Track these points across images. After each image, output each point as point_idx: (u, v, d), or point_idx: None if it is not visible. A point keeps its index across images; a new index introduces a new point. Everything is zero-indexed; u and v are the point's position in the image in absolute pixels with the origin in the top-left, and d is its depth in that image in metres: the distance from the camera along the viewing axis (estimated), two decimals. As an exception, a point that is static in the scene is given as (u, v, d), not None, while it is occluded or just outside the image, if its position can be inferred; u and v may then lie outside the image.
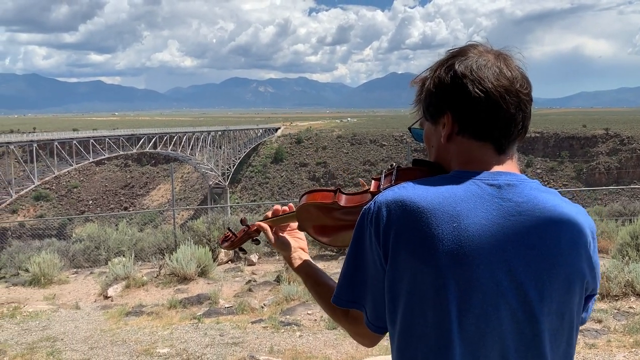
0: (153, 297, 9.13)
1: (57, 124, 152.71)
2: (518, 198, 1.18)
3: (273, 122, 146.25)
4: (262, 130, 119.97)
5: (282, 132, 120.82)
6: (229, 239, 1.76)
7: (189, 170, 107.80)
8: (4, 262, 12.85)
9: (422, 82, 1.31)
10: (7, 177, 72.10)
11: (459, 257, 1.13)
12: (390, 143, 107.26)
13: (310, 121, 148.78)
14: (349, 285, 1.28)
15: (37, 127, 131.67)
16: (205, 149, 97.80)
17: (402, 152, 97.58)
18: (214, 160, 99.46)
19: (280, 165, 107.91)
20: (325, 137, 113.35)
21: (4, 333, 7.26)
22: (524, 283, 1.14)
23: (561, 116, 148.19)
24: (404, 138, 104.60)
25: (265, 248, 12.72)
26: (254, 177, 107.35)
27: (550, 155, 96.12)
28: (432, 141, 1.32)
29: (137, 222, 24.12)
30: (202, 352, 6.05)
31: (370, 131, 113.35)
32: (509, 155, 1.25)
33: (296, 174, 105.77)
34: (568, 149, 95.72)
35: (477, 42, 1.28)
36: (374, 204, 1.21)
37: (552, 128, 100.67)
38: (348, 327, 1.38)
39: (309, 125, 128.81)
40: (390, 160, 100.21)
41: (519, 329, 1.15)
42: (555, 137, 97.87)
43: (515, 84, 1.21)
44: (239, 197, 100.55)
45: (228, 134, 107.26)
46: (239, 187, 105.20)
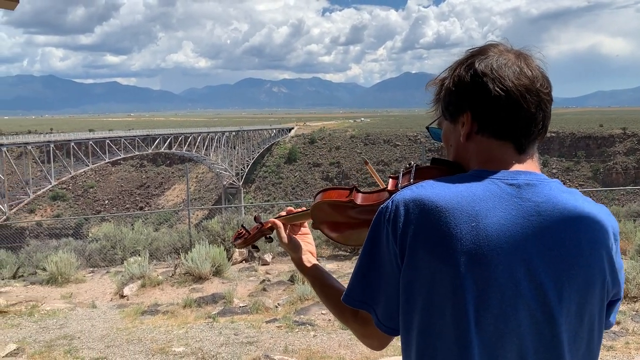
0: (168, 296, 9.19)
1: (73, 125, 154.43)
2: (538, 198, 1.16)
3: (287, 122, 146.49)
4: (276, 131, 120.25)
5: (296, 132, 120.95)
6: (242, 236, 1.76)
7: (203, 170, 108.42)
8: (22, 261, 13.02)
9: (442, 81, 1.30)
10: (25, 177, 73.10)
11: (477, 257, 1.12)
12: (404, 143, 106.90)
13: (324, 121, 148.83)
14: (361, 284, 1.26)
15: (54, 127, 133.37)
16: (220, 149, 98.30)
17: (416, 152, 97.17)
18: (228, 160, 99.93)
19: (293, 165, 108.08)
20: (339, 137, 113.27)
21: (22, 331, 7.37)
22: (543, 284, 1.13)
23: (577, 116, 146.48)
24: (418, 138, 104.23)
25: (279, 248, 12.76)
26: (267, 177, 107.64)
27: (566, 155, 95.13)
28: (450, 140, 1.31)
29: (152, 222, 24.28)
30: (217, 351, 6.08)
31: (383, 131, 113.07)
32: (529, 155, 1.24)
33: (309, 174, 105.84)
34: (584, 149, 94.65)
35: (497, 42, 1.27)
36: (392, 203, 1.20)
37: (568, 128, 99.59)
38: (356, 329, 1.36)
39: (323, 126, 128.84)
40: (404, 160, 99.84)
41: (538, 329, 1.14)
42: (571, 136, 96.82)
43: (536, 83, 1.20)
44: (252, 197, 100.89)
45: (242, 134, 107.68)
46: (252, 187, 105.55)
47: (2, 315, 8.13)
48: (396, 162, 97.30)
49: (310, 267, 1.60)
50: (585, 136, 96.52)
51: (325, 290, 1.51)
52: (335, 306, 1.43)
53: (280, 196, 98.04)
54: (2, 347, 6.54)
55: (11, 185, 76.13)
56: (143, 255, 11.12)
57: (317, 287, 1.55)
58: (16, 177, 76.24)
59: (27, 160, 75.90)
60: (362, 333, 1.36)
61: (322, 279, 1.55)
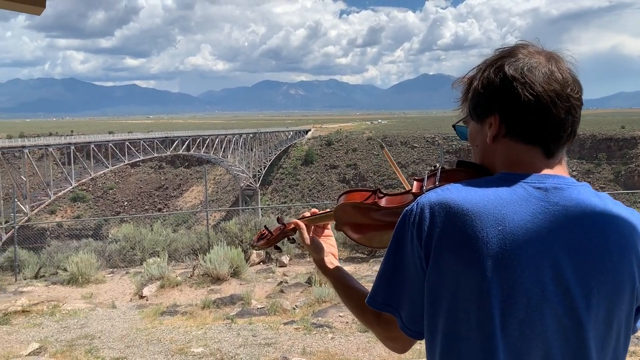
0: (187, 297, 9.26)
1: (93, 127, 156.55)
2: (565, 202, 1.14)
3: (303, 124, 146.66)
4: (293, 133, 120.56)
5: (313, 134, 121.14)
6: (264, 237, 1.76)
7: (221, 172, 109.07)
8: (43, 261, 13.23)
9: (469, 80, 1.29)
10: (46, 179, 74.24)
11: (503, 261, 1.10)
12: (421, 145, 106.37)
13: (341, 123, 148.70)
14: (385, 287, 1.25)
15: (74, 130, 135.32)
16: (237, 151, 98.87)
17: (434, 154, 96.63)
18: (246, 162, 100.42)
19: (310, 167, 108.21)
20: (356, 139, 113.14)
21: (44, 330, 7.48)
22: (570, 289, 1.11)
23: (598, 117, 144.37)
24: (435, 140, 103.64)
25: (296, 250, 12.77)
26: (284, 179, 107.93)
27: (587, 157, 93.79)
28: (477, 141, 1.29)
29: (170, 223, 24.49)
30: (235, 352, 6.11)
31: (401, 133, 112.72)
32: (557, 159, 1.22)
33: (326, 176, 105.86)
34: (605, 151, 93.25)
35: (527, 42, 1.24)
36: (417, 206, 1.19)
37: (588, 129, 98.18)
38: (379, 331, 1.35)
39: (339, 128, 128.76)
40: (421, 162, 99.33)
41: (565, 336, 1.11)
42: (592, 138, 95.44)
43: (567, 88, 1.18)
44: (269, 198, 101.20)
45: (259, 136, 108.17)
46: (269, 189, 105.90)
47: (25, 315, 8.26)
48: (413, 164, 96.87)
49: (332, 268, 1.59)
50: (607, 138, 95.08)
51: (348, 292, 1.51)
52: (357, 308, 1.43)
53: (297, 198, 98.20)
54: (25, 345, 6.65)
55: (33, 186, 77.38)
56: (162, 256, 11.23)
57: (339, 289, 1.54)
58: (37, 179, 77.46)
59: (48, 162, 77.08)
60: (385, 336, 1.34)
61: (344, 280, 1.54)
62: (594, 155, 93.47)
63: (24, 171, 72.12)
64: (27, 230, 19.92)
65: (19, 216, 47.17)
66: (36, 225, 29.03)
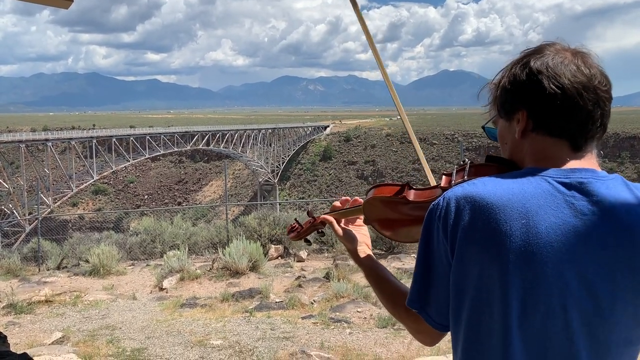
0: (206, 290, 9.35)
1: (115, 121, 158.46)
2: (591, 196, 1.14)
3: (322, 120, 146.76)
4: (311, 129, 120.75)
5: (331, 130, 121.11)
6: (295, 230, 1.78)
7: (240, 167, 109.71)
8: (66, 252, 13.46)
9: (498, 82, 1.30)
10: (68, 172, 75.46)
11: (526, 255, 1.11)
12: (440, 142, 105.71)
13: (359, 119, 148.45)
14: (421, 287, 1.28)
15: (96, 124, 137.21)
16: (256, 146, 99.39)
17: (453, 151, 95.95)
18: (264, 157, 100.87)
19: (328, 163, 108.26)
20: (374, 135, 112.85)
21: (67, 320, 7.63)
22: (594, 284, 1.11)
23: (622, 115, 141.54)
24: (455, 137, 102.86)
25: (314, 245, 12.80)
26: (302, 174, 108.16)
27: (610, 155, 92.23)
28: (506, 138, 1.30)
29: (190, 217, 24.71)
30: (254, 345, 6.15)
31: (420, 129, 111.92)
32: (586, 152, 1.21)
33: (344, 172, 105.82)
34: (629, 149, 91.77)
35: (553, 41, 1.25)
36: (443, 200, 1.21)
37: (612, 127, 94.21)
38: (409, 325, 1.37)
39: (358, 124, 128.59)
40: (440, 159, 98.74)
41: (589, 331, 1.11)
42: (615, 137, 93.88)
43: (594, 81, 1.18)
44: (287, 194, 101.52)
45: (278, 131, 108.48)
46: (287, 184, 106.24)
47: (48, 305, 8.43)
48: (432, 161, 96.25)
49: (365, 257, 1.60)
50: (630, 136, 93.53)
51: (380, 283, 1.51)
52: (389, 300, 1.44)
53: (315, 194, 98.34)
54: (48, 334, 6.78)
55: (55, 179, 78.69)
56: (182, 249, 11.34)
57: (371, 279, 1.55)
58: (60, 172, 78.71)
59: (71, 155, 78.32)
60: (415, 329, 1.36)
61: (378, 270, 1.55)
62: (617, 153, 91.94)
63: (47, 164, 73.35)
64: (50, 222, 20.26)
65: (42, 208, 48.00)
66: (59, 217, 29.49)
